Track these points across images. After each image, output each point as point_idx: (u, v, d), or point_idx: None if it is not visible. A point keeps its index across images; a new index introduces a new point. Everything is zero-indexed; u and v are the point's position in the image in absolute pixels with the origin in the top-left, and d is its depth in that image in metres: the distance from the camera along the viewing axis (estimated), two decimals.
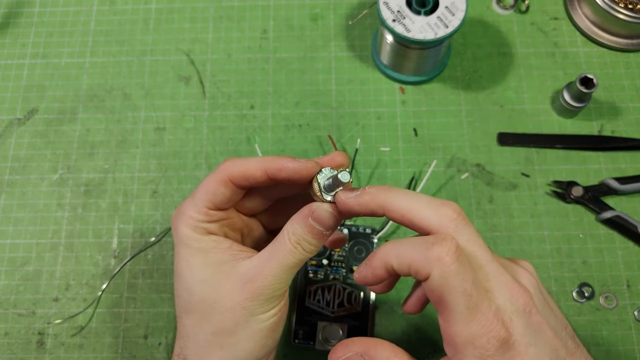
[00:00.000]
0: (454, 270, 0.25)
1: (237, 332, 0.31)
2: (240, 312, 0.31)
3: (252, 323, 0.32)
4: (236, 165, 0.32)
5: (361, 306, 0.46)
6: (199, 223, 0.33)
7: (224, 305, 0.31)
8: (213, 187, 0.33)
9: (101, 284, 0.48)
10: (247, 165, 0.32)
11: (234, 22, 0.57)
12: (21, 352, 0.46)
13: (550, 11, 0.57)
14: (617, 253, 0.48)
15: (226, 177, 0.33)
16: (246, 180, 0.33)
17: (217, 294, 0.32)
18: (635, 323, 0.46)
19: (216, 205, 0.33)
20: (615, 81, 0.54)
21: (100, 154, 0.52)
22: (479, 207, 0.49)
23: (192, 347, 0.33)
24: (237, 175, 0.32)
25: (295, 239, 0.31)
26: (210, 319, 0.32)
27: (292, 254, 0.31)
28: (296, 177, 0.31)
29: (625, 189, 0.48)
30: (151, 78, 0.55)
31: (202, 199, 0.33)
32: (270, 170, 0.32)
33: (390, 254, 0.28)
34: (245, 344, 0.32)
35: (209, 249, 0.33)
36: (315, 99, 0.54)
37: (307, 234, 0.31)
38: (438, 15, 0.47)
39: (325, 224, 0.31)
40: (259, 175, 0.32)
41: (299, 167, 0.31)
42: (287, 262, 0.31)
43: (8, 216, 0.50)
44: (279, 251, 0.31)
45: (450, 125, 0.52)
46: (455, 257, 0.26)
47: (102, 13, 0.58)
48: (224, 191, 0.33)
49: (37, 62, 0.56)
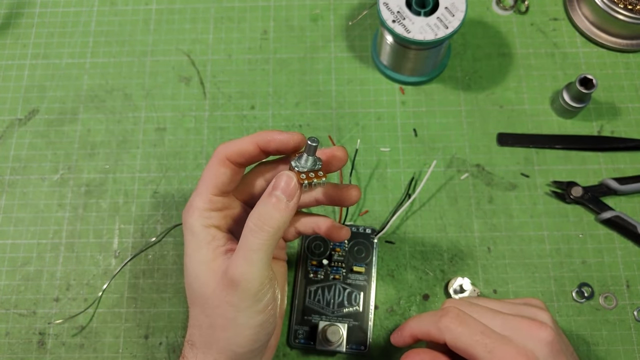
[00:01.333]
0: (461, 332, 0.33)
1: (229, 327, 0.33)
2: (226, 308, 0.32)
3: (240, 319, 0.33)
4: (230, 145, 0.34)
5: (361, 306, 0.46)
6: (204, 212, 0.34)
7: (213, 302, 0.33)
8: (214, 171, 0.35)
9: (102, 284, 0.48)
10: (240, 143, 0.34)
11: (234, 22, 0.57)
12: (22, 352, 0.46)
13: (549, 12, 0.57)
14: (617, 253, 0.48)
15: (223, 157, 0.34)
16: (242, 157, 0.34)
17: (208, 290, 0.33)
18: (635, 323, 0.46)
19: (219, 187, 0.35)
20: (615, 82, 0.54)
21: (101, 154, 0.52)
22: (479, 208, 0.50)
23: (198, 335, 0.34)
24: (232, 153, 0.34)
25: (257, 217, 0.32)
26: (207, 312, 0.34)
27: (253, 234, 0.31)
28: (284, 147, 0.34)
29: (625, 189, 0.49)
30: (152, 78, 0.55)
31: (205, 185, 0.35)
32: (260, 143, 0.34)
33: (414, 327, 0.36)
34: (237, 338, 0.33)
35: (204, 244, 0.34)
36: (316, 100, 0.54)
37: (267, 206, 0.32)
38: (438, 16, 0.47)
39: (286, 190, 0.32)
40: (252, 149, 0.34)
41: (285, 138, 0.34)
42: (251, 246, 0.31)
43: (9, 216, 0.51)
44: (244, 237, 0.32)
45: (450, 126, 0.53)
46: (458, 322, 0.33)
47: (102, 14, 0.58)
48: (225, 171, 0.35)
49: (38, 62, 0.56)
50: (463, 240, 0.49)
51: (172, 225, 0.50)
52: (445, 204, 0.50)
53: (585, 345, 0.45)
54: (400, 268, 0.48)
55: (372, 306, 0.46)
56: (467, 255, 0.48)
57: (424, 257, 0.48)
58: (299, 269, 0.47)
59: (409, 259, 0.48)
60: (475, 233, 0.49)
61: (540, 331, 0.33)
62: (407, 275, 0.48)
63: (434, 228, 0.49)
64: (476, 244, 0.48)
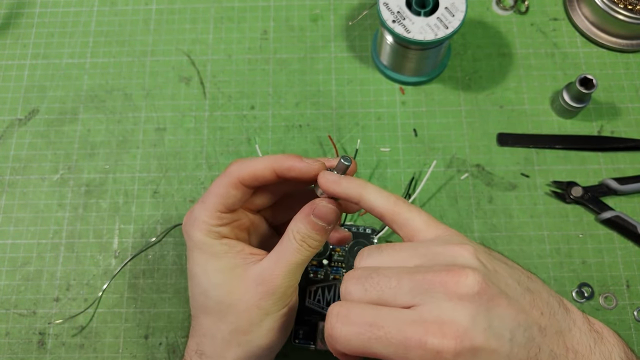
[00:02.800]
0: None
1: (253, 330, 0.33)
2: (255, 312, 0.33)
3: (266, 321, 0.33)
4: (245, 167, 0.34)
5: None
6: (212, 227, 0.34)
7: (240, 307, 0.33)
8: (224, 191, 0.34)
9: (102, 284, 0.48)
10: (256, 166, 0.34)
11: (234, 22, 0.57)
12: (22, 352, 0.46)
13: (549, 12, 0.57)
14: (617, 253, 0.48)
15: (236, 180, 0.34)
16: (256, 181, 0.34)
17: (232, 296, 0.33)
18: (635, 323, 0.46)
19: (228, 207, 0.34)
20: (615, 82, 0.54)
21: (101, 154, 0.52)
22: (479, 208, 0.50)
23: (210, 344, 0.34)
24: (246, 176, 0.34)
25: (300, 237, 0.33)
26: (227, 319, 0.34)
27: (298, 252, 0.33)
28: (304, 176, 0.33)
29: (625, 189, 0.49)
30: (152, 78, 0.55)
31: (213, 202, 0.34)
32: (279, 170, 0.33)
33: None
34: (260, 340, 0.34)
35: (222, 254, 0.34)
36: (316, 100, 0.54)
37: (310, 230, 0.33)
38: (438, 16, 0.47)
39: (327, 219, 0.33)
40: (268, 175, 0.34)
41: (306, 167, 0.33)
42: (295, 260, 0.33)
43: (9, 216, 0.51)
44: (286, 251, 0.33)
45: (450, 126, 0.53)
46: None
47: (102, 14, 0.58)
48: (235, 193, 0.34)
49: (38, 62, 0.56)
50: None
51: (172, 226, 0.50)
52: (445, 204, 0.50)
53: None
54: None
55: None
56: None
57: None
58: None
59: None
60: (475, 233, 0.49)
61: (460, 285, 0.25)
62: None
63: None
64: None
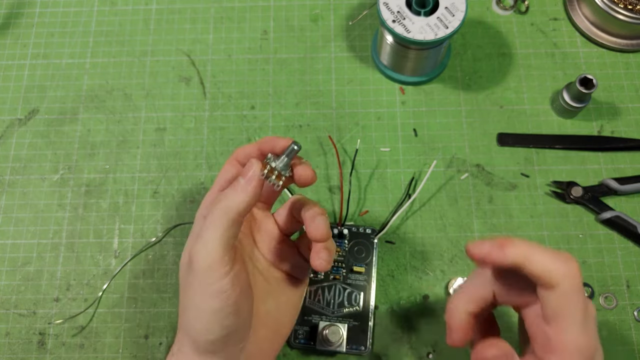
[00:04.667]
0: (580, 287, 0.29)
1: (188, 308, 0.33)
2: (187, 290, 0.33)
3: (195, 300, 0.32)
4: (240, 148, 0.37)
5: (361, 306, 0.46)
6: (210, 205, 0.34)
7: (182, 284, 0.35)
8: (224, 169, 0.37)
9: (102, 284, 0.48)
10: (249, 146, 0.37)
11: (234, 22, 0.57)
12: (22, 352, 0.46)
13: (549, 12, 0.57)
14: (617, 253, 0.48)
15: (232, 158, 0.37)
16: (247, 157, 0.36)
17: (180, 274, 0.36)
18: (635, 323, 0.46)
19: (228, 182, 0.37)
20: (615, 82, 0.54)
21: (101, 154, 0.52)
22: (479, 208, 0.50)
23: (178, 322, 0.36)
24: (240, 154, 0.37)
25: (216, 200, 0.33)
26: (180, 297, 0.35)
27: (211, 216, 0.32)
28: (276, 150, 0.35)
29: (625, 189, 0.49)
30: (152, 78, 0.55)
31: (216, 181, 0.37)
32: (262, 147, 0.36)
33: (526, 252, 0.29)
34: (193, 321, 0.33)
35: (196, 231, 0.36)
36: (316, 100, 0.54)
37: (228, 188, 0.33)
38: (438, 16, 0.47)
39: (244, 173, 0.33)
40: (254, 151, 0.36)
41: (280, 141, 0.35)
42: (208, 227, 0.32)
43: (9, 216, 0.51)
44: (205, 223, 0.32)
45: (450, 126, 0.53)
46: (580, 276, 0.29)
47: (102, 14, 0.58)
48: (229, 168, 0.37)
49: (38, 62, 0.56)
50: (463, 240, 0.49)
51: (172, 225, 0.50)
52: (445, 204, 0.50)
53: None
54: (400, 268, 0.48)
55: (372, 306, 0.46)
56: (467, 256, 0.48)
57: (424, 257, 0.48)
58: None
59: (409, 259, 0.48)
60: (476, 233, 0.49)
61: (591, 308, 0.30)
62: (407, 275, 0.48)
63: (434, 228, 0.49)
64: None
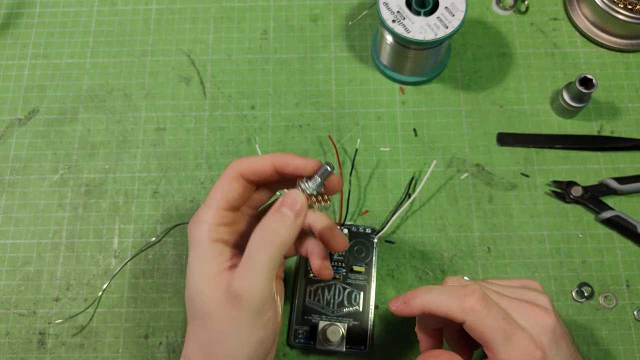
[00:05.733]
0: (486, 315, 0.31)
1: (229, 343, 0.32)
2: (229, 325, 0.32)
3: (241, 335, 0.32)
4: (245, 162, 0.35)
5: (361, 306, 0.46)
6: (212, 226, 0.34)
7: (217, 317, 0.32)
8: (226, 184, 0.34)
9: (102, 283, 0.48)
10: (256, 161, 0.35)
11: (234, 22, 0.57)
12: (22, 352, 0.46)
13: (549, 12, 0.57)
14: (617, 253, 0.48)
15: (236, 172, 0.34)
16: (255, 175, 0.35)
17: (211, 305, 0.33)
18: (635, 323, 0.46)
19: (229, 202, 0.34)
20: (615, 81, 0.54)
21: (101, 154, 0.52)
22: (479, 207, 0.50)
23: (196, 351, 0.34)
24: (246, 170, 0.34)
25: (262, 234, 0.32)
26: (208, 328, 0.33)
27: (262, 251, 0.31)
28: (300, 173, 0.34)
29: (625, 189, 0.49)
30: (152, 78, 0.55)
31: (216, 199, 0.34)
32: (278, 165, 0.34)
33: (430, 302, 0.33)
34: (236, 355, 0.33)
35: (211, 259, 0.33)
36: (316, 100, 0.54)
37: (275, 221, 0.32)
38: (438, 16, 0.47)
39: (294, 205, 0.32)
40: (268, 170, 0.34)
41: (303, 164, 0.34)
42: (259, 261, 0.31)
43: (9, 216, 0.51)
44: (249, 253, 0.32)
45: (450, 126, 0.53)
46: (484, 304, 0.32)
47: (102, 13, 0.58)
48: (237, 186, 0.34)
49: (38, 62, 0.56)
50: (463, 240, 0.49)
51: (172, 225, 0.50)
52: (445, 203, 0.50)
53: (585, 344, 0.45)
54: (400, 268, 0.48)
55: (372, 306, 0.46)
56: (467, 255, 0.48)
57: (424, 257, 0.48)
58: (299, 268, 0.47)
59: (409, 259, 0.48)
60: (475, 233, 0.49)
61: (545, 318, 0.32)
62: (407, 275, 0.48)
63: (434, 228, 0.49)
64: (476, 244, 0.48)
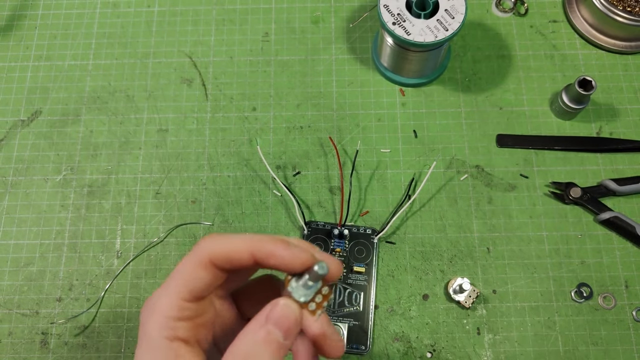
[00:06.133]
0: None
1: None
2: None
3: None
4: (218, 245, 0.27)
5: (361, 306, 0.46)
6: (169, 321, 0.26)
7: None
8: (191, 271, 0.27)
9: (104, 284, 0.49)
10: (232, 245, 0.27)
11: (236, 25, 0.58)
12: (25, 351, 0.47)
13: (549, 14, 0.57)
14: (616, 253, 0.48)
15: (206, 258, 0.27)
16: (229, 263, 0.27)
17: None
18: (634, 323, 0.46)
19: (193, 294, 0.27)
20: (614, 83, 0.54)
21: (104, 155, 0.53)
22: (478, 208, 0.50)
23: None
24: (218, 256, 0.27)
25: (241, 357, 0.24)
26: None
27: None
28: (286, 267, 0.26)
29: (624, 190, 0.49)
30: (154, 80, 0.56)
31: (176, 284, 0.27)
32: (258, 255, 0.26)
33: None
34: None
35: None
36: (317, 101, 0.54)
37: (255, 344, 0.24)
38: (438, 18, 0.47)
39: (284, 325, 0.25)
40: (245, 258, 0.26)
41: (290, 257, 0.26)
42: None
43: (12, 217, 0.51)
44: None
45: (450, 127, 0.53)
46: None
47: (105, 16, 0.58)
48: (204, 276, 0.27)
49: (41, 64, 0.57)
50: (463, 240, 0.49)
51: (174, 226, 0.50)
52: (445, 204, 0.50)
53: (584, 345, 0.46)
54: (400, 268, 0.48)
55: (372, 306, 0.46)
56: (467, 256, 0.48)
57: (424, 257, 0.48)
58: None
59: (409, 259, 0.48)
60: (475, 233, 0.49)
61: None
62: (407, 275, 0.48)
63: (433, 228, 0.49)
64: (475, 245, 0.49)
